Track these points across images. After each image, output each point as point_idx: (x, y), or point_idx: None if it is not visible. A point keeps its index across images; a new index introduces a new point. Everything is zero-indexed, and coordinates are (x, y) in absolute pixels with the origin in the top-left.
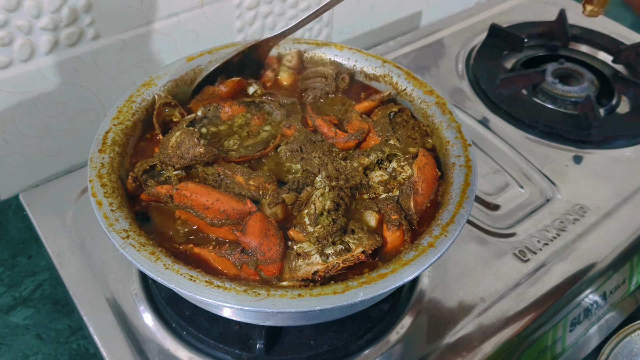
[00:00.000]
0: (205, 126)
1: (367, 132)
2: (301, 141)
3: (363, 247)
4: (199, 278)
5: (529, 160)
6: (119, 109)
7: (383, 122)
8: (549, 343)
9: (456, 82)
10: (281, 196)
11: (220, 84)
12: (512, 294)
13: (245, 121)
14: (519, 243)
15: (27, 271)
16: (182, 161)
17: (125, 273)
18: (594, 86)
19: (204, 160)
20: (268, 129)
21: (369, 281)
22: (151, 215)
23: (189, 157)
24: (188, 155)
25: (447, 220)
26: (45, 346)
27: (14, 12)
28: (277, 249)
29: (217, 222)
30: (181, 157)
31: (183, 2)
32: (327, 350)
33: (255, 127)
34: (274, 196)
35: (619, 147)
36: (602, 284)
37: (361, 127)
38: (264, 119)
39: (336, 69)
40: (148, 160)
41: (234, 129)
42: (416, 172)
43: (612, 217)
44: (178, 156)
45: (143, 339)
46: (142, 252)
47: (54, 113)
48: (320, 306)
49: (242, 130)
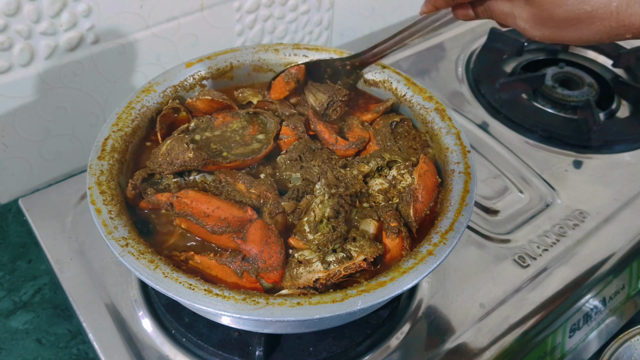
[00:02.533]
0: (198, 133)
1: (367, 140)
2: (300, 150)
3: (365, 255)
4: (197, 286)
5: (529, 165)
6: (118, 116)
7: (385, 131)
8: (548, 349)
9: (456, 86)
10: (281, 205)
11: (197, 99)
12: (511, 299)
13: (240, 128)
14: (518, 249)
15: (27, 275)
16: (172, 167)
17: (125, 279)
18: (593, 90)
19: (193, 165)
20: (261, 137)
21: (368, 289)
22: (153, 227)
23: (178, 163)
24: (177, 160)
25: (446, 228)
26: (45, 351)
27: (13, 16)
28: (278, 256)
29: (218, 230)
30: (170, 163)
31: (183, 5)
32: (327, 357)
33: (249, 136)
34: (275, 205)
35: (619, 151)
36: (602, 289)
37: (362, 135)
38: (258, 129)
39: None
40: (147, 169)
41: (227, 135)
42: (417, 180)
43: (612, 223)
44: (167, 162)
45: (142, 345)
46: (141, 260)
47: (54, 117)
48: (319, 315)
49: (234, 135)
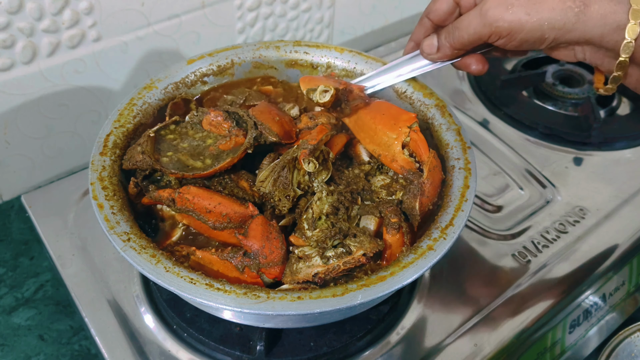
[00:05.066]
0: (185, 130)
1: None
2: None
3: (364, 250)
4: (199, 281)
5: (529, 161)
6: (120, 112)
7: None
8: (548, 345)
9: (457, 83)
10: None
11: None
12: (511, 295)
13: (215, 140)
14: (518, 245)
15: (29, 272)
16: (127, 163)
17: (127, 275)
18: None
19: (143, 166)
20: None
21: (368, 284)
22: (159, 224)
23: (132, 161)
24: (132, 159)
25: (446, 223)
26: (47, 347)
27: (15, 14)
28: (279, 252)
29: (219, 226)
30: (129, 159)
31: (184, 3)
32: (327, 351)
33: (222, 146)
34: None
35: (619, 148)
36: (602, 286)
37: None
38: (235, 143)
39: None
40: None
41: (200, 145)
42: (426, 174)
43: (612, 219)
44: (127, 158)
45: (144, 340)
46: (142, 255)
47: (56, 115)
48: (320, 309)
49: (205, 143)
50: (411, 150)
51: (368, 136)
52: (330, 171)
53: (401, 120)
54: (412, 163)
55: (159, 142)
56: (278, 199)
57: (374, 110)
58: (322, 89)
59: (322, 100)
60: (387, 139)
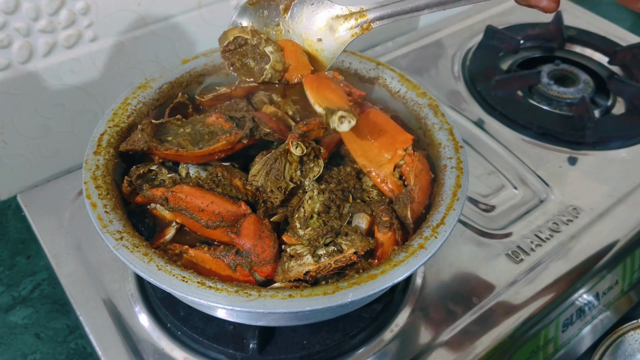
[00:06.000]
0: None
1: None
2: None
3: (355, 248)
4: (191, 279)
5: (524, 161)
6: (114, 111)
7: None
8: (541, 343)
9: (452, 83)
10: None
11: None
12: (504, 294)
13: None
14: (512, 244)
15: (26, 271)
16: (124, 144)
17: (121, 274)
18: (589, 87)
19: (140, 145)
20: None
21: (359, 282)
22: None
23: (130, 141)
24: (131, 139)
25: (438, 222)
26: (43, 345)
27: (12, 14)
28: (271, 250)
29: (212, 224)
30: (127, 140)
31: (180, 3)
32: (320, 350)
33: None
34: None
35: (614, 148)
36: (595, 285)
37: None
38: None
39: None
40: (141, 166)
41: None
42: (413, 180)
43: (606, 218)
44: (127, 139)
45: (138, 339)
46: (135, 253)
47: (53, 114)
48: (311, 307)
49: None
50: (401, 173)
51: (360, 149)
52: (321, 168)
53: (398, 140)
54: (401, 187)
55: (162, 129)
56: (270, 191)
57: (371, 123)
58: (341, 114)
59: (340, 129)
60: (381, 158)
